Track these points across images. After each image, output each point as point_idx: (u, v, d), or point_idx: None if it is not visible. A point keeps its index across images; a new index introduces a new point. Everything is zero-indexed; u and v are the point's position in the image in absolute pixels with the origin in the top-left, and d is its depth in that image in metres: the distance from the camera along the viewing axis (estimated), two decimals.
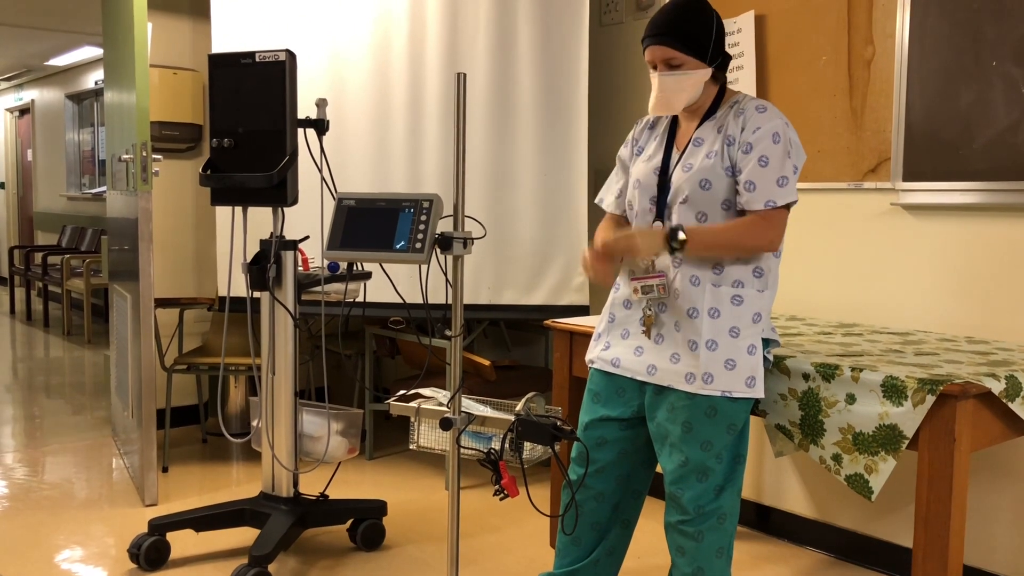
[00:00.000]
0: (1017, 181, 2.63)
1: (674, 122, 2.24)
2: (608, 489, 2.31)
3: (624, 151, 2.33)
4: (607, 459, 2.29)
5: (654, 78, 2.13)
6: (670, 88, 2.11)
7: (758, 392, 2.09)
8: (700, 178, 2.09)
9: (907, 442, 2.06)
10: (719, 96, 2.17)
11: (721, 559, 2.15)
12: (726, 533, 2.15)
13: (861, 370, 2.14)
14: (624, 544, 2.39)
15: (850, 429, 2.15)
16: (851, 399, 2.15)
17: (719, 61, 2.12)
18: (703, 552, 2.13)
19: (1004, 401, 2.12)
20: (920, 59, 2.83)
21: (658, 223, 2.16)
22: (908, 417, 2.05)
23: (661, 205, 2.16)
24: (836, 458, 2.18)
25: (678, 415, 2.12)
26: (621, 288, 2.28)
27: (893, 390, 2.07)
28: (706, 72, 2.10)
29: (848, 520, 3.11)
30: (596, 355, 2.31)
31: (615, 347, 2.26)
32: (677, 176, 2.13)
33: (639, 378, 2.20)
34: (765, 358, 2.24)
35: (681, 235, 2.01)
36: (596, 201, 2.40)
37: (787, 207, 2.07)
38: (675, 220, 2.14)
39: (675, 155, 2.18)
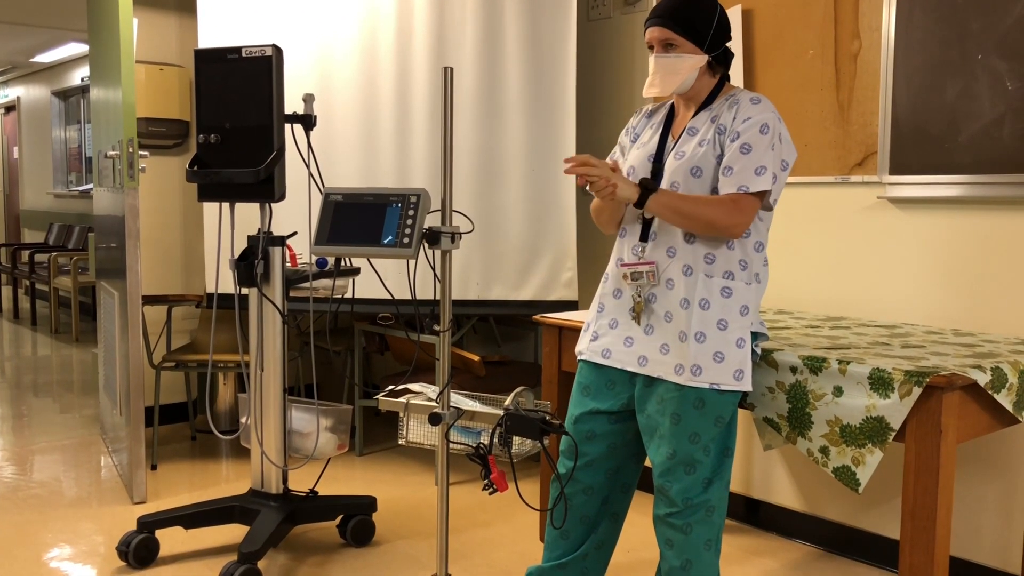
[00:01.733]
0: (1002, 174, 2.64)
1: (671, 112, 2.26)
2: (597, 483, 2.32)
3: (624, 138, 2.36)
4: (596, 453, 2.29)
5: (651, 60, 2.15)
6: (664, 69, 2.14)
7: (746, 385, 2.10)
8: (691, 166, 2.11)
9: (894, 434, 2.07)
10: (717, 89, 2.19)
11: (709, 551, 2.16)
12: (714, 526, 2.15)
13: (848, 363, 2.15)
14: (613, 538, 2.39)
15: (837, 421, 2.16)
16: (838, 392, 2.16)
17: (718, 52, 2.15)
18: (691, 544, 2.14)
19: (990, 393, 2.13)
20: (906, 53, 2.84)
21: None
22: (895, 409, 2.06)
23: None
24: (823, 451, 2.19)
25: (667, 407, 2.12)
26: (610, 279, 2.29)
27: (880, 382, 2.08)
28: (701, 58, 2.13)
29: (836, 513, 3.12)
30: (585, 346, 2.31)
31: (604, 337, 2.26)
32: (670, 164, 2.16)
33: (629, 369, 2.20)
34: (753, 351, 2.25)
35: (654, 187, 2.07)
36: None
37: (760, 196, 2.08)
38: None
39: (670, 143, 2.20)
